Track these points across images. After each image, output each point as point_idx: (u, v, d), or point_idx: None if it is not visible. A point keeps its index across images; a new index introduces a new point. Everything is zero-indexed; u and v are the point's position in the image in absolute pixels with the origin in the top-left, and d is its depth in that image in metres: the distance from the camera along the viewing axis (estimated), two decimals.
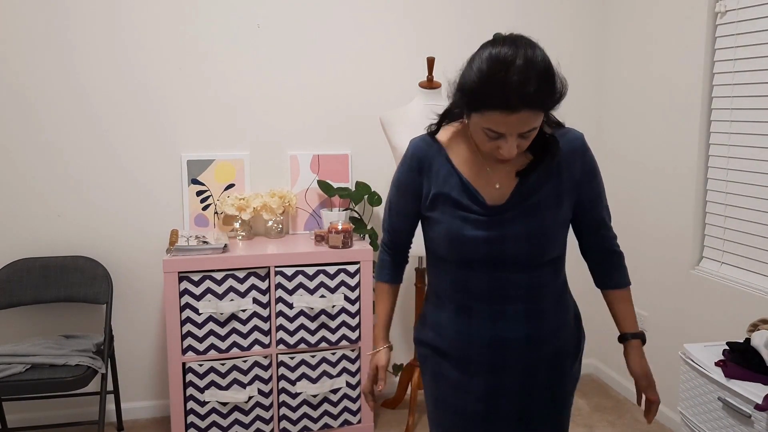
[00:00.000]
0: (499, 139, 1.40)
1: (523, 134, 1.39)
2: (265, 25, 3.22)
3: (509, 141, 1.39)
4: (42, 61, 3.00)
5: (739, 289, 2.73)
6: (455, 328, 1.60)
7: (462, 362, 1.60)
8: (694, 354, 2.30)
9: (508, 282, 1.54)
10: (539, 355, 1.59)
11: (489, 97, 1.33)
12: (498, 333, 1.56)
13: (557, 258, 1.60)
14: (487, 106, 1.34)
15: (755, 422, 1.98)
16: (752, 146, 2.68)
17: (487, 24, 3.42)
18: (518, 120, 1.34)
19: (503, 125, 1.35)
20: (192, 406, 2.89)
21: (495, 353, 1.57)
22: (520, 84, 1.30)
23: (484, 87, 1.33)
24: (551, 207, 1.53)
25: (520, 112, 1.32)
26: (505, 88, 1.30)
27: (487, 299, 1.55)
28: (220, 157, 3.23)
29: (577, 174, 1.57)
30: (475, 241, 1.51)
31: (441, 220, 1.56)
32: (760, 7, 2.61)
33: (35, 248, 3.09)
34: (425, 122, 3.00)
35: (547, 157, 1.52)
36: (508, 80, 1.30)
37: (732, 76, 2.78)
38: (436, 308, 1.66)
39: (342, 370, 3.04)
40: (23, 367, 2.67)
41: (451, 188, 1.55)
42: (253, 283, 2.88)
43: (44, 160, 3.06)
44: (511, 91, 1.30)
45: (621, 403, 3.49)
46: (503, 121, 1.34)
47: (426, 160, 1.60)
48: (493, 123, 1.36)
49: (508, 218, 1.51)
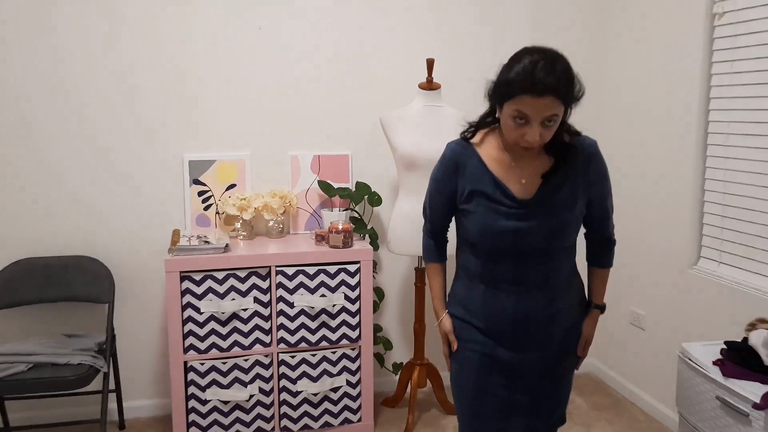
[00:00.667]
0: (524, 126, 1.67)
1: (545, 122, 1.65)
2: (267, 27, 3.23)
3: (534, 127, 1.65)
4: (42, 62, 3.01)
5: (736, 288, 2.74)
6: (484, 304, 1.89)
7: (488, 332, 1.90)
8: (692, 353, 2.31)
9: (529, 268, 1.82)
10: (554, 329, 1.90)
11: (520, 83, 1.62)
12: (520, 310, 1.85)
13: (571, 246, 1.89)
14: (518, 91, 1.62)
15: (753, 421, 2.00)
16: (750, 147, 2.70)
17: (487, 26, 3.43)
18: (543, 105, 1.61)
19: (530, 108, 1.62)
20: (193, 405, 2.90)
21: (518, 326, 1.86)
22: (546, 74, 1.60)
23: (516, 76, 1.63)
24: (568, 206, 1.81)
25: (545, 97, 1.60)
26: (533, 77, 1.60)
27: (511, 282, 1.84)
28: (221, 157, 3.24)
29: (591, 176, 1.84)
30: (504, 233, 1.78)
31: (476, 212, 1.82)
32: (758, 9, 2.62)
33: (38, 248, 3.10)
34: (425, 123, 3.04)
35: (567, 161, 1.80)
36: (536, 72, 1.60)
37: (730, 77, 2.80)
38: (467, 288, 1.94)
39: (342, 368, 3.06)
40: (26, 366, 2.68)
41: (485, 185, 1.82)
42: (254, 282, 2.90)
43: (46, 160, 3.07)
44: (538, 79, 1.60)
45: (619, 402, 3.50)
46: (531, 104, 1.62)
47: (461, 162, 1.86)
48: (523, 105, 1.63)
49: (532, 214, 1.78)
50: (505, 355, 1.89)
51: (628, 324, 3.50)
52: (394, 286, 3.56)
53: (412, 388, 3.25)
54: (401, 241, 2.98)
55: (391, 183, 3.43)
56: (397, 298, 3.58)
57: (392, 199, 3.37)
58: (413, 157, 2.89)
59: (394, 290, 3.57)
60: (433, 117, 2.98)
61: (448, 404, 3.36)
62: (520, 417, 1.95)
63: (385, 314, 3.57)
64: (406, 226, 2.93)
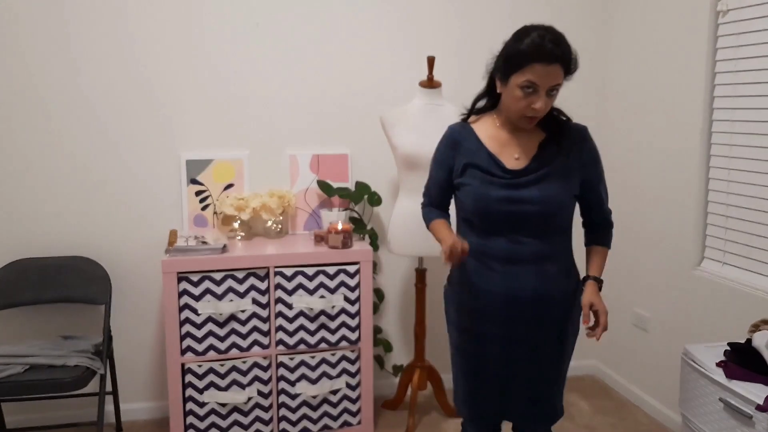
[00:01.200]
0: (532, 95, 1.81)
1: (550, 91, 1.82)
2: (265, 24, 3.21)
3: (541, 95, 1.81)
4: (41, 62, 3.00)
5: (740, 289, 2.72)
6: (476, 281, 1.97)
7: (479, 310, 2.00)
8: (696, 354, 2.30)
9: (522, 245, 1.91)
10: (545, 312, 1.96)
11: (531, 53, 1.77)
12: (513, 290, 1.93)
13: (563, 230, 1.98)
14: (529, 59, 1.78)
15: (756, 423, 1.98)
16: (754, 146, 2.68)
17: (487, 24, 3.41)
18: (552, 73, 1.78)
19: (541, 77, 1.78)
20: (191, 407, 2.88)
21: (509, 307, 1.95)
22: (554, 45, 1.78)
23: (525, 48, 1.79)
24: (560, 177, 1.91)
25: (554, 64, 1.77)
26: (543, 47, 1.77)
27: (504, 259, 1.93)
28: (219, 157, 3.22)
29: (584, 155, 1.97)
30: (498, 200, 1.89)
31: (470, 183, 1.94)
32: (762, 7, 2.61)
33: (34, 249, 3.08)
34: (425, 122, 3.03)
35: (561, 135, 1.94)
36: (545, 43, 1.77)
37: (734, 75, 2.77)
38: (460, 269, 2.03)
39: (342, 371, 3.03)
40: (22, 368, 2.66)
41: (480, 159, 1.95)
42: (252, 283, 2.88)
43: (43, 160, 3.05)
44: (547, 49, 1.77)
45: (623, 405, 3.48)
46: (541, 72, 1.77)
47: (459, 139, 2.02)
48: (533, 74, 1.78)
49: (524, 183, 1.89)
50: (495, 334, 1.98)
51: (631, 326, 3.48)
52: (394, 287, 3.54)
53: (412, 391, 3.23)
54: (401, 241, 2.96)
55: (391, 183, 3.41)
56: (398, 300, 3.55)
57: (392, 199, 3.35)
58: (414, 156, 2.87)
59: (394, 291, 3.54)
60: (434, 115, 2.96)
61: (449, 407, 3.33)
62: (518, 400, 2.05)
63: (385, 316, 3.54)
64: (406, 227, 2.91)
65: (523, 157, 1.94)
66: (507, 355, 2.00)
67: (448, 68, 3.28)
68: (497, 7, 3.43)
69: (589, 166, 1.98)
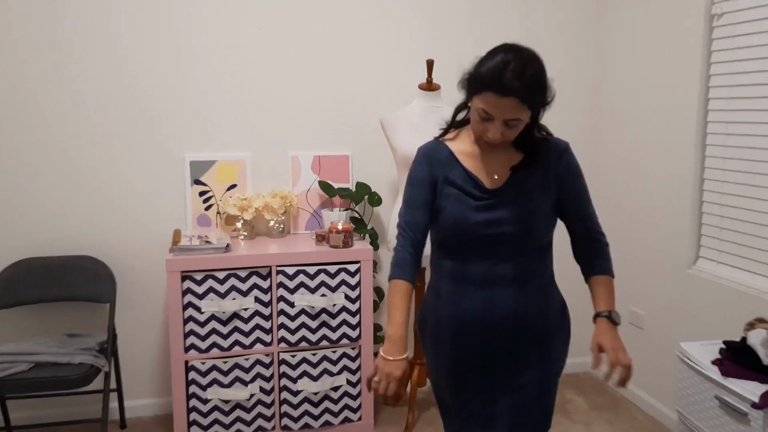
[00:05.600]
0: (488, 122, 1.67)
1: (508, 122, 1.65)
2: (267, 28, 3.24)
3: (496, 125, 1.66)
4: (44, 62, 3.02)
5: (735, 288, 2.75)
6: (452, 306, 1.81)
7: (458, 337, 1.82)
8: (691, 353, 2.32)
9: (499, 269, 1.76)
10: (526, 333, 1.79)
11: (487, 80, 1.62)
12: (489, 312, 1.77)
13: (543, 249, 1.83)
14: (484, 87, 1.63)
15: (752, 420, 2.01)
16: (748, 147, 2.71)
17: (486, 27, 3.44)
18: (506, 106, 1.61)
19: (493, 107, 1.63)
20: (194, 404, 2.91)
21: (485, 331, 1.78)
22: (513, 76, 1.59)
23: (485, 72, 1.64)
24: (538, 195, 1.78)
25: (508, 97, 1.60)
26: (501, 75, 1.59)
27: (481, 282, 1.77)
28: (222, 158, 3.25)
29: (561, 169, 1.81)
30: (475, 224, 1.74)
31: (446, 206, 1.78)
32: (757, 10, 2.63)
33: (39, 248, 3.10)
34: (425, 124, 3.04)
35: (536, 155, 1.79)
36: (504, 71, 1.59)
37: (728, 78, 2.80)
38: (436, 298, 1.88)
39: (343, 368, 3.07)
40: (27, 366, 2.69)
41: (456, 176, 1.79)
42: (254, 282, 2.91)
43: (48, 160, 3.08)
44: (505, 80, 1.59)
45: (619, 401, 3.51)
46: (494, 103, 1.62)
47: (434, 156, 1.84)
48: (486, 103, 1.64)
49: (503, 202, 1.75)
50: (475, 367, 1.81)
51: (627, 324, 3.50)
52: None
53: (412, 387, 3.26)
54: None
55: (391, 183, 3.44)
56: None
57: (392, 199, 3.38)
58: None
59: None
60: (433, 117, 2.97)
61: None
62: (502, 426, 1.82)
63: (385, 314, 3.57)
64: None
65: (500, 177, 1.78)
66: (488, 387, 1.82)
67: (447, 71, 3.30)
68: (496, 11, 3.46)
69: (567, 178, 1.81)
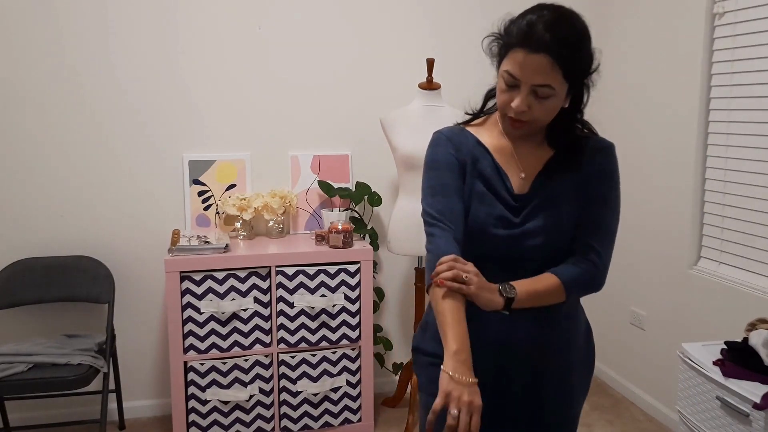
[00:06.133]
0: (513, 90, 1.41)
1: (537, 90, 1.38)
2: (266, 27, 3.23)
3: (522, 92, 1.39)
4: (42, 61, 3.01)
5: (737, 288, 2.75)
6: None
7: None
8: (693, 353, 2.32)
9: None
10: (548, 366, 1.51)
11: (515, 36, 1.39)
12: (506, 337, 1.48)
13: None
14: (512, 43, 1.39)
15: (753, 421, 2.00)
16: (750, 147, 2.70)
17: (486, 25, 3.42)
18: (534, 65, 1.35)
19: (520, 67, 1.37)
20: (193, 405, 2.90)
21: (502, 359, 1.49)
22: (545, 29, 1.35)
23: (514, 25, 1.41)
24: (569, 201, 1.49)
25: (537, 54, 1.34)
26: (532, 28, 1.36)
27: None
28: (221, 157, 3.24)
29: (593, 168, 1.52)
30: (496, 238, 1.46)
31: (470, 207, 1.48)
32: (758, 9, 2.63)
33: (38, 248, 3.10)
34: (425, 123, 3.04)
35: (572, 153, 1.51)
36: (536, 24, 1.36)
37: (730, 77, 2.80)
38: None
39: (342, 368, 3.06)
40: (26, 367, 2.68)
41: (485, 168, 1.51)
42: (254, 282, 2.90)
43: (46, 160, 3.07)
44: (535, 32, 1.35)
45: (620, 402, 3.50)
46: (522, 62, 1.36)
47: (459, 140, 1.54)
48: (513, 64, 1.38)
49: (529, 212, 1.47)
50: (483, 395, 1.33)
51: (629, 324, 3.50)
52: (394, 286, 3.56)
53: (412, 389, 3.25)
54: (401, 241, 2.98)
55: (391, 183, 3.43)
56: (397, 298, 3.58)
57: (392, 199, 3.37)
58: (413, 157, 2.89)
59: (394, 290, 3.57)
60: (433, 117, 2.98)
61: None
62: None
63: (385, 314, 3.57)
64: (406, 226, 2.93)
65: (528, 175, 1.51)
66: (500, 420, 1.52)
67: (447, 70, 3.30)
68: (496, 9, 3.44)
69: (595, 180, 1.51)
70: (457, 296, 1.35)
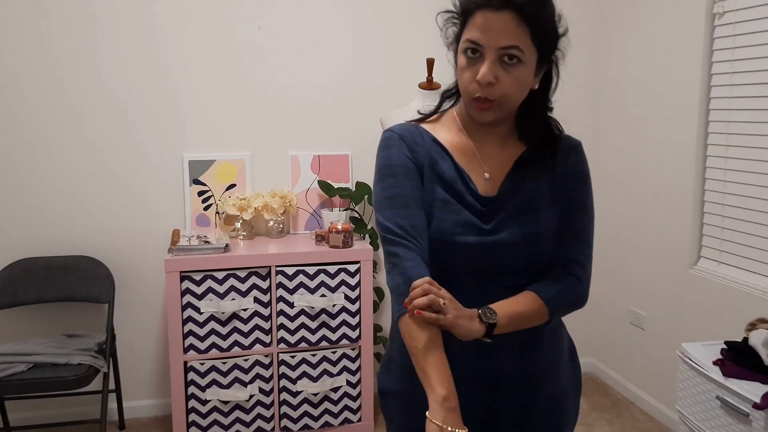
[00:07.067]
0: (477, 62, 1.24)
1: (503, 54, 1.22)
2: (266, 27, 3.23)
3: (488, 58, 1.22)
4: (42, 60, 3.01)
5: (736, 288, 2.74)
6: None
7: None
8: (692, 353, 2.32)
9: None
10: (537, 398, 1.35)
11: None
12: (489, 374, 1.31)
13: None
14: (472, 7, 1.23)
15: (753, 421, 2.00)
16: (750, 146, 2.70)
17: None
18: (501, 25, 1.20)
19: (485, 31, 1.21)
20: (193, 405, 2.90)
21: (488, 399, 1.32)
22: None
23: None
24: (546, 206, 1.33)
25: (503, 11, 1.19)
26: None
27: None
28: (221, 157, 3.24)
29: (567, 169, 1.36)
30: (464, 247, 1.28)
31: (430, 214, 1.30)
32: (758, 9, 2.62)
33: (37, 248, 3.10)
34: None
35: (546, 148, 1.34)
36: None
37: (730, 77, 2.80)
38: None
39: (342, 368, 3.06)
40: (25, 366, 2.68)
41: (444, 170, 1.33)
42: (254, 282, 2.90)
43: (46, 160, 3.07)
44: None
45: (619, 402, 3.50)
46: (486, 24, 1.20)
47: (413, 140, 1.35)
48: (475, 29, 1.22)
49: (500, 216, 1.30)
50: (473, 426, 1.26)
51: (628, 324, 3.50)
52: None
53: None
54: None
55: None
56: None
57: None
58: None
59: None
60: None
61: None
62: None
63: (385, 314, 3.57)
64: None
65: (495, 177, 1.33)
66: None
67: (447, 70, 3.29)
68: None
69: (571, 182, 1.35)
70: (432, 327, 1.18)
